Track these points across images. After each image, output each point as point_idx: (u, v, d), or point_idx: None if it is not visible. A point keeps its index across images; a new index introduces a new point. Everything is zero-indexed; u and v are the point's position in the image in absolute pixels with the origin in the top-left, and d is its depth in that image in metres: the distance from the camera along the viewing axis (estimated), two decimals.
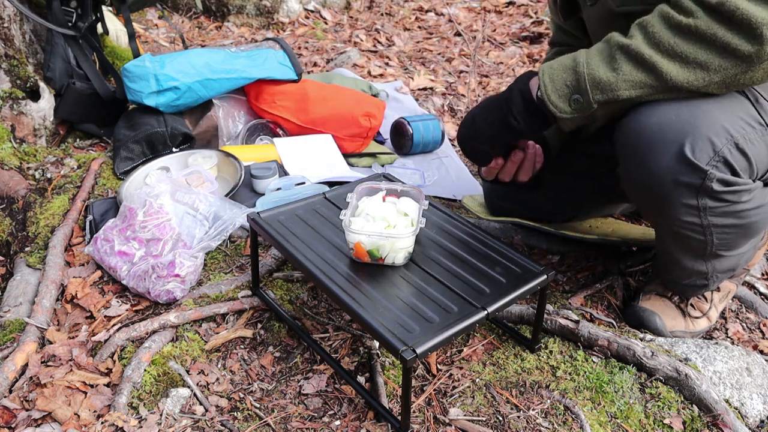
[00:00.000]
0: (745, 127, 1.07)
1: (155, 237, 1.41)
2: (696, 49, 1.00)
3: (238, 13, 3.72)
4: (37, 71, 2.09)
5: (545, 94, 1.12)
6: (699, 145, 1.04)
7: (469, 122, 1.27)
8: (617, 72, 1.05)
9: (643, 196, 1.16)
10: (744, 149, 1.06)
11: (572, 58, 1.11)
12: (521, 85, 1.19)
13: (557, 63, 1.13)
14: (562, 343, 1.29)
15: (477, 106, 1.27)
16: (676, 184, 1.07)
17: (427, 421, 1.12)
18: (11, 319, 1.32)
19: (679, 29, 1.01)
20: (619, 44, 1.06)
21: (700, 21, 0.99)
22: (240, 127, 2.10)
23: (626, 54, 1.05)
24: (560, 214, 1.57)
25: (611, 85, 1.06)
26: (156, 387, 1.18)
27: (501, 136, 1.24)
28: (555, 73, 1.12)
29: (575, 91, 1.09)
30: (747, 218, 1.14)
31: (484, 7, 4.04)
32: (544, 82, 1.12)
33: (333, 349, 1.28)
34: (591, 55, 1.09)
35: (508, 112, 1.18)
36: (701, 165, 1.04)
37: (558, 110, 1.12)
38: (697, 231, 1.14)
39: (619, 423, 1.13)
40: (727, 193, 1.08)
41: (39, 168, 1.87)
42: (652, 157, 1.07)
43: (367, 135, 2.12)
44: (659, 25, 1.03)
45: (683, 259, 1.25)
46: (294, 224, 1.28)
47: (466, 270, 1.16)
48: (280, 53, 2.12)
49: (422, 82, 2.93)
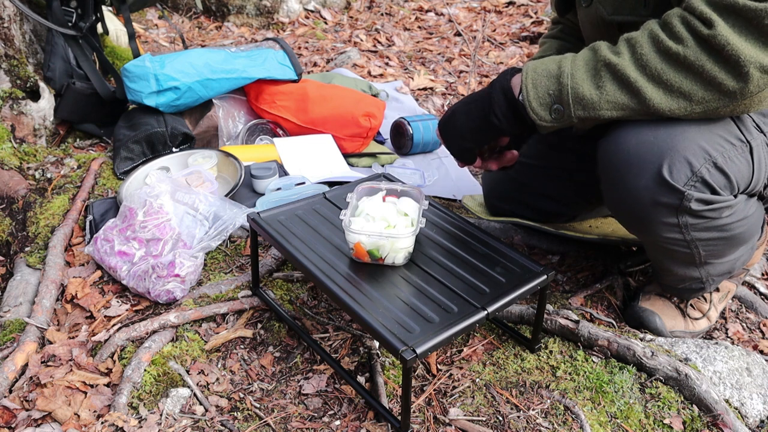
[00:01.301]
0: (724, 145, 1.06)
1: (155, 237, 1.41)
2: (681, 78, 0.99)
3: (238, 13, 3.72)
4: (37, 71, 2.09)
5: (527, 100, 1.09)
6: (676, 166, 1.03)
7: (450, 116, 1.24)
8: (600, 90, 1.03)
9: (624, 215, 1.17)
10: (723, 167, 1.06)
11: (557, 64, 1.08)
12: (504, 82, 1.15)
13: (542, 67, 1.09)
14: (562, 343, 1.29)
15: (459, 101, 1.25)
16: (655, 204, 1.07)
17: (427, 421, 1.12)
18: (11, 319, 1.32)
19: (667, 55, 0.99)
20: (606, 61, 1.03)
21: (690, 50, 0.97)
22: (240, 127, 2.10)
23: (612, 73, 1.02)
24: (560, 215, 1.57)
25: (593, 104, 1.04)
26: (156, 387, 1.18)
27: (482, 132, 1.21)
28: (538, 79, 1.08)
29: (557, 101, 1.07)
30: (731, 231, 1.14)
31: (484, 7, 4.05)
32: (526, 87, 1.09)
33: (333, 349, 1.28)
34: (576, 65, 1.06)
35: (490, 110, 1.16)
36: (678, 186, 1.04)
37: (538, 118, 1.10)
38: (681, 245, 1.15)
39: (619, 423, 1.13)
40: (707, 210, 1.08)
41: (39, 168, 1.87)
42: (630, 178, 1.07)
43: (367, 135, 2.12)
44: (648, 47, 1.00)
45: (674, 267, 1.25)
46: (294, 224, 1.28)
47: (466, 270, 1.16)
48: (280, 53, 2.12)
49: (422, 82, 2.93)
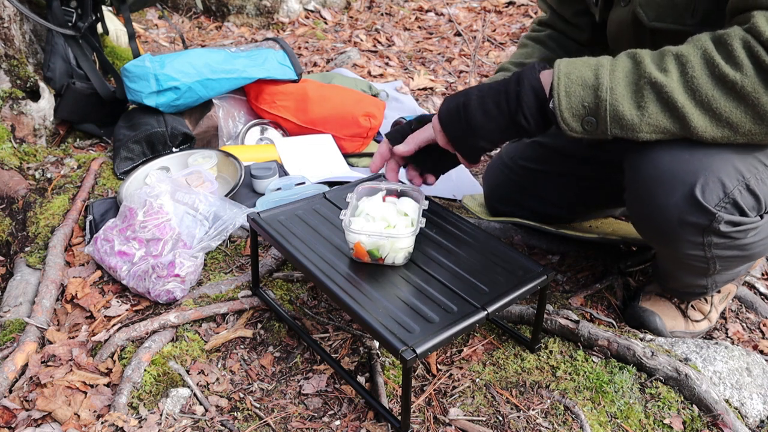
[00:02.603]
0: (757, 166, 1.04)
1: (155, 237, 1.41)
2: (732, 108, 0.93)
3: (238, 13, 3.72)
4: (37, 71, 2.09)
5: (558, 110, 1.01)
6: (710, 187, 1.01)
7: (458, 111, 1.12)
8: (642, 111, 0.97)
9: (648, 230, 1.15)
10: (754, 189, 1.04)
11: (594, 72, 0.99)
12: (534, 81, 1.05)
13: (576, 73, 1.00)
14: (562, 343, 1.29)
15: (465, 93, 1.12)
16: (683, 223, 1.05)
17: (427, 421, 1.12)
18: (11, 319, 1.32)
19: (722, 81, 0.92)
20: (651, 80, 0.95)
21: (747, 80, 0.91)
22: (240, 127, 2.10)
23: (657, 94, 0.95)
24: (561, 218, 1.57)
25: (633, 126, 0.98)
26: (156, 387, 1.18)
27: (504, 133, 1.11)
28: (572, 87, 1.00)
29: (591, 114, 1.00)
30: (751, 250, 1.14)
31: (484, 7, 4.04)
32: (559, 94, 1.01)
33: (333, 349, 1.28)
34: (616, 78, 0.98)
35: (518, 110, 1.06)
36: (710, 207, 1.02)
37: (568, 128, 1.03)
38: (700, 261, 1.14)
39: (619, 423, 1.13)
40: (734, 232, 1.07)
41: (39, 168, 1.87)
42: (661, 194, 1.05)
43: (367, 135, 2.12)
44: (701, 70, 0.93)
45: (685, 277, 1.26)
46: (294, 224, 1.28)
47: (466, 270, 1.16)
48: (280, 53, 2.12)
49: (422, 82, 2.93)
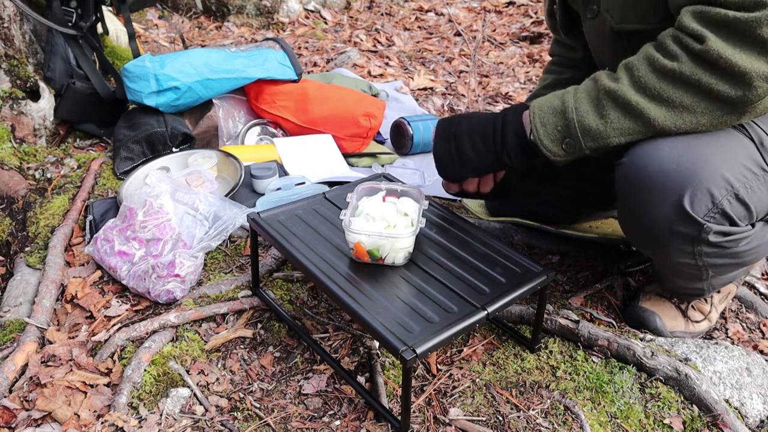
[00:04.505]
0: (746, 174, 1.05)
1: (155, 237, 1.41)
2: (681, 93, 0.99)
3: (238, 13, 3.72)
4: (37, 71, 2.09)
5: (538, 139, 1.11)
6: (698, 197, 1.02)
7: (448, 143, 1.23)
8: (605, 120, 1.04)
9: (638, 239, 1.17)
10: (744, 199, 1.05)
11: (561, 100, 1.10)
12: (515, 124, 1.16)
13: (546, 105, 1.11)
14: (562, 343, 1.29)
15: (457, 123, 1.23)
16: (673, 233, 1.07)
17: (427, 421, 1.12)
18: (11, 319, 1.32)
19: (663, 73, 1.00)
20: (606, 89, 1.04)
21: (685, 66, 0.98)
22: (240, 127, 2.10)
23: (613, 101, 1.04)
24: (561, 219, 1.58)
25: (601, 133, 1.05)
26: (156, 387, 1.18)
27: (488, 168, 1.23)
28: (545, 117, 1.10)
29: (566, 136, 1.09)
30: (743, 257, 1.15)
31: (484, 7, 4.04)
32: (536, 126, 1.11)
33: (333, 349, 1.28)
34: (579, 98, 1.08)
35: (503, 151, 1.17)
36: (698, 218, 1.03)
37: (552, 154, 1.11)
38: (692, 268, 1.16)
39: (619, 423, 1.13)
40: (724, 241, 1.08)
41: (39, 168, 1.87)
42: (650, 204, 1.06)
43: (367, 135, 2.12)
44: (645, 69, 1.01)
45: (679, 281, 1.26)
46: (294, 224, 1.28)
47: (466, 270, 1.16)
48: (280, 53, 2.12)
49: (422, 82, 2.93)
